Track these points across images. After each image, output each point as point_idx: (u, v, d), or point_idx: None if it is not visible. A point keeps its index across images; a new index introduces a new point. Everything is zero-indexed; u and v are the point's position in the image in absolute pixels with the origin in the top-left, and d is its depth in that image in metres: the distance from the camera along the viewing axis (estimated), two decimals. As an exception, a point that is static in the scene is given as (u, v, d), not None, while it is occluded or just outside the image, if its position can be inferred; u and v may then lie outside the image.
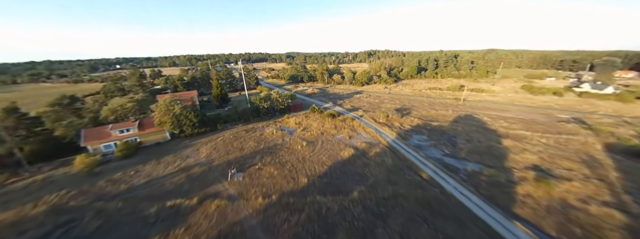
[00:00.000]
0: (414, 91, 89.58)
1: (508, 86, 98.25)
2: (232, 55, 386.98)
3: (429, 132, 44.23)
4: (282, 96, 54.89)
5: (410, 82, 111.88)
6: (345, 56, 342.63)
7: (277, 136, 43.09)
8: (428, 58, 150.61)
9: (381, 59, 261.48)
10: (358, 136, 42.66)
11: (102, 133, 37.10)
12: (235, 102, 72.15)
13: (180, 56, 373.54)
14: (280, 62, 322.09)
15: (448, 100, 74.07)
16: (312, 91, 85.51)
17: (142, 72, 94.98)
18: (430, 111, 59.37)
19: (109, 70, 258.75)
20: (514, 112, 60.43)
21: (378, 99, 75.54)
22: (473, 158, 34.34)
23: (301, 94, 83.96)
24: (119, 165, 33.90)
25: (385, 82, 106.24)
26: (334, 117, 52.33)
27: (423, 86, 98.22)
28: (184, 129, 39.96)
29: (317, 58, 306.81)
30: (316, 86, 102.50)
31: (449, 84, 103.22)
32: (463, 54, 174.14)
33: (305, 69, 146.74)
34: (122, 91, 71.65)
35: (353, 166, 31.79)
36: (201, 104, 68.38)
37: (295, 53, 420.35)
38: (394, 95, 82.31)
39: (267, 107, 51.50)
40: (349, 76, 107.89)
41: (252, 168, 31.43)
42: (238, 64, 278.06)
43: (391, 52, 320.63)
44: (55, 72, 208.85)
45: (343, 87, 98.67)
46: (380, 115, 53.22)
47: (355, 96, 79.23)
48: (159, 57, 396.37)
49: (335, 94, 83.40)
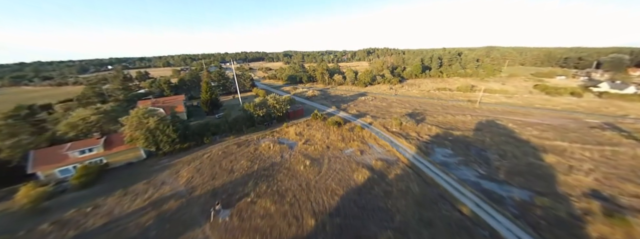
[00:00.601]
0: (422, 92, 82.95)
1: (520, 86, 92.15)
2: (229, 54, 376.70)
3: (453, 145, 37.62)
4: (279, 102, 47.77)
5: (415, 82, 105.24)
6: (344, 54, 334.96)
7: (274, 151, 36.13)
8: (431, 56, 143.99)
9: (381, 58, 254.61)
10: (371, 151, 35.87)
11: (57, 155, 29.73)
12: (228, 107, 64.81)
13: (175, 56, 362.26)
14: (277, 61, 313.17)
15: (462, 102, 67.57)
16: (313, 93, 78.40)
17: (126, 75, 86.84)
18: (447, 117, 52.78)
19: (100, 71, 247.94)
20: (538, 116, 54.14)
21: (385, 102, 68.74)
22: (516, 181, 27.81)
23: (301, 96, 76.79)
24: (76, 197, 26.68)
25: (390, 82, 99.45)
26: (340, 126, 45.45)
27: (430, 86, 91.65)
28: (161, 146, 32.73)
29: (315, 57, 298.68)
30: (316, 87, 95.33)
31: (457, 83, 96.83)
32: (464, 51, 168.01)
33: (304, 68, 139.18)
34: (101, 96, 63.74)
35: (371, 195, 25.04)
36: (190, 110, 60.97)
37: (292, 52, 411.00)
38: (401, 97, 75.57)
39: (263, 115, 44.38)
40: (351, 76, 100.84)
41: (243, 201, 24.49)
42: (232, 64, 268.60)
43: (390, 50, 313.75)
44: (41, 74, 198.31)
45: (345, 89, 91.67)
46: (392, 122, 46.47)
47: (360, 99, 72.32)
48: (153, 57, 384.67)
49: (338, 97, 76.39)
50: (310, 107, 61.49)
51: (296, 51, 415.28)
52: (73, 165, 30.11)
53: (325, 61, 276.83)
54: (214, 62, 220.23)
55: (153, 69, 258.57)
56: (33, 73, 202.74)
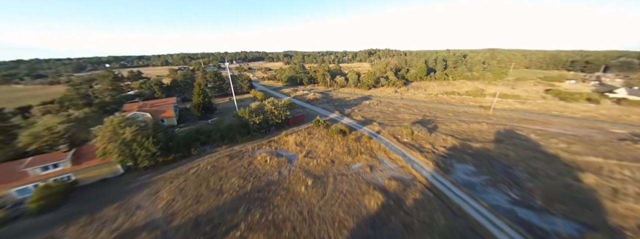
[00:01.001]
0: (429, 96, 78.54)
1: (531, 90, 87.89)
2: (228, 54, 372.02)
3: (474, 159, 33.18)
4: (278, 107, 43.22)
5: (421, 84, 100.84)
6: (345, 55, 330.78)
7: (271, 165, 31.60)
8: (436, 58, 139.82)
9: (383, 59, 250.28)
10: (381, 166, 31.38)
11: (14, 172, 25.09)
12: (223, 110, 60.28)
13: (174, 55, 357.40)
14: (277, 61, 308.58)
15: (474, 108, 63.20)
16: (314, 96, 73.83)
17: (117, 74, 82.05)
18: (461, 125, 48.35)
19: (96, 69, 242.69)
20: (559, 125, 49.80)
21: (391, 106, 64.25)
22: (557, 209, 23.38)
23: (301, 100, 72.20)
24: (30, 226, 22.06)
25: (394, 85, 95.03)
26: (345, 135, 40.96)
27: (437, 90, 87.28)
28: (139, 161, 28.15)
29: (315, 57, 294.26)
30: (317, 90, 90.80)
31: (464, 87, 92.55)
32: (470, 54, 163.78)
33: (305, 69, 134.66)
34: (86, 98, 59.01)
35: (387, 229, 20.53)
36: (182, 114, 56.35)
37: (293, 52, 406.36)
38: (408, 101, 71.12)
39: (260, 123, 39.84)
40: (353, 78, 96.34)
41: (231, 236, 19.92)
42: (231, 64, 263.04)
43: (392, 51, 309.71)
44: (35, 72, 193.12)
45: (348, 91, 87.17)
46: (403, 131, 42.02)
47: (364, 103, 67.81)
48: (152, 56, 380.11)
49: (341, 100, 71.85)
50: (311, 112, 56.99)
51: (296, 51, 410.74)
52: (34, 183, 25.49)
53: (326, 61, 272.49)
54: (213, 62, 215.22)
55: (151, 68, 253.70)
56: (27, 71, 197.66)
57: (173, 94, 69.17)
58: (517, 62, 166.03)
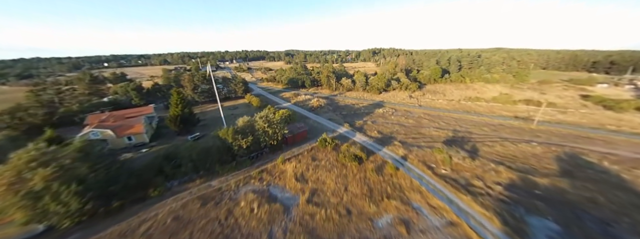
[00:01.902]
0: (451, 102, 67.91)
1: (564, 96, 76.81)
2: (229, 53, 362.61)
3: (551, 208, 22.89)
4: (273, 124, 33.15)
5: (436, 88, 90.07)
6: (348, 54, 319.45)
7: (259, 218, 21.64)
8: (449, 58, 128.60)
9: (388, 59, 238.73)
10: (421, 222, 21.22)
11: None
12: (212, 121, 50.37)
13: (174, 54, 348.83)
14: (278, 60, 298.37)
15: (510, 121, 52.62)
16: (318, 102, 63.52)
17: (96, 76, 72.50)
18: (506, 145, 37.95)
19: (93, 68, 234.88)
20: (628, 147, 39.15)
21: (410, 117, 53.88)
22: None
23: (303, 107, 61.97)
24: None
25: (407, 88, 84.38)
26: (361, 163, 30.85)
27: (457, 95, 76.59)
28: (56, 222, 18.33)
29: (317, 56, 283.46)
30: (321, 94, 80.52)
31: (487, 91, 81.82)
32: (483, 53, 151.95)
33: (307, 70, 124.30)
34: (49, 106, 49.44)
35: None
36: (160, 127, 46.60)
37: (294, 51, 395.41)
38: (428, 110, 60.62)
39: (249, 146, 29.85)
40: (361, 80, 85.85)
41: None
42: (231, 63, 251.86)
43: (397, 50, 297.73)
44: (28, 72, 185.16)
45: (356, 96, 76.77)
46: (436, 157, 31.83)
47: (377, 112, 57.45)
48: (153, 55, 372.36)
49: (349, 108, 61.50)
50: (315, 125, 46.88)
51: (298, 50, 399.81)
52: None
53: (329, 61, 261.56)
54: (211, 61, 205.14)
55: (148, 67, 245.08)
56: (20, 70, 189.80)
57: (155, 101, 59.44)
58: (533, 63, 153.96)
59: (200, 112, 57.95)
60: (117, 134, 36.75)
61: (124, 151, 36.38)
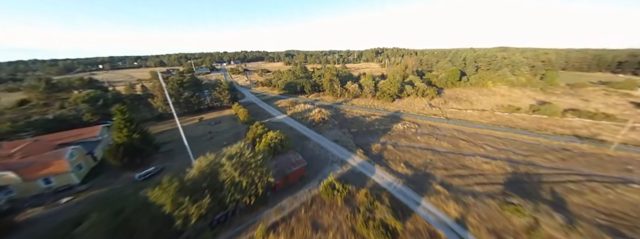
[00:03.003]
0: (483, 113, 55.13)
1: (613, 103, 63.72)
2: (227, 53, 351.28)
3: None
4: (250, 167, 20.57)
5: (457, 93, 77.22)
6: (350, 55, 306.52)
7: None
8: (464, 58, 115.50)
9: (392, 59, 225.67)
10: None
11: None
12: (182, 144, 37.90)
13: (171, 55, 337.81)
14: (278, 61, 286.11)
15: (575, 142, 39.75)
16: (320, 115, 50.84)
17: (53, 82, 60.43)
18: (598, 190, 25.26)
19: (85, 71, 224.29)
20: None
21: (441, 136, 41.18)
22: None
23: (301, 121, 49.30)
24: None
25: (424, 94, 71.59)
26: (394, 236, 18.31)
27: (486, 103, 63.77)
28: None
29: (318, 57, 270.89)
30: (324, 102, 68.00)
31: (519, 97, 68.99)
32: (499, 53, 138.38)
33: (307, 72, 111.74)
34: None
35: None
36: (103, 160, 34.10)
37: (295, 51, 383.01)
38: (459, 125, 47.86)
39: (205, 212, 17.45)
40: (369, 85, 73.19)
41: None
42: (229, 65, 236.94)
43: (401, 50, 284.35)
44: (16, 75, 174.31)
45: (365, 104, 64.16)
46: (515, 222, 19.28)
47: (396, 129, 44.75)
48: (150, 56, 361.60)
49: (359, 123, 48.75)
50: (316, 151, 34.42)
51: (298, 51, 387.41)
52: None
53: (331, 61, 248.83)
54: (206, 63, 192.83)
55: (142, 69, 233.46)
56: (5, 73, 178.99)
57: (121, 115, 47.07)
58: (549, 63, 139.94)
59: (171, 129, 45.73)
60: (26, 177, 24.57)
61: (34, 201, 24.29)
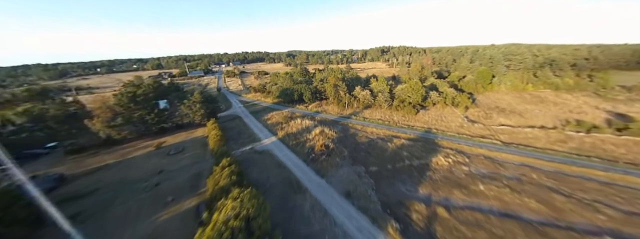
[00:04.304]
0: (549, 133, 38.99)
1: None
2: (227, 55, 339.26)
3: None
4: None
5: (493, 100, 61.03)
6: (353, 54, 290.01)
7: None
8: (491, 57, 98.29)
9: (400, 58, 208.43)
10: None
11: None
12: (113, 188, 23.01)
13: (172, 57, 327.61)
14: (278, 62, 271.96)
15: None
16: (322, 139, 35.38)
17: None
18: None
19: (82, 75, 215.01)
20: None
21: (515, 182, 25.51)
22: None
23: (295, 150, 33.96)
24: None
25: (454, 102, 55.69)
26: None
27: (542, 116, 47.52)
28: None
29: (320, 57, 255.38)
30: (327, 115, 52.85)
31: (577, 106, 52.41)
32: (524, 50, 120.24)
33: (308, 74, 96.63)
34: None
35: None
36: None
37: (296, 52, 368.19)
38: (528, 156, 31.85)
39: None
40: (384, 91, 57.77)
41: None
42: (227, 66, 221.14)
43: (408, 48, 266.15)
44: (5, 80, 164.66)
45: (381, 118, 48.74)
46: None
47: (438, 165, 28.98)
48: (151, 59, 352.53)
49: (380, 154, 33.01)
50: (315, 223, 19.32)
51: (300, 51, 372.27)
52: None
53: (334, 61, 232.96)
54: (202, 65, 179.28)
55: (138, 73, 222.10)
56: None
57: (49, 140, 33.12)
58: (596, 62, 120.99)
59: (114, 164, 31.41)
60: None
61: None
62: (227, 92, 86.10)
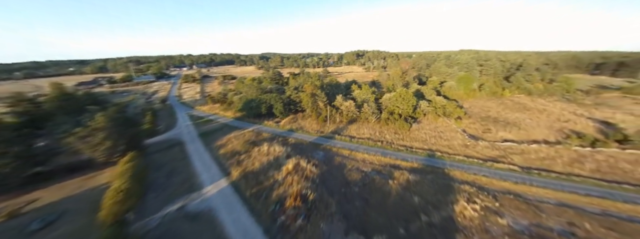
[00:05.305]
0: (559, 151, 33.89)
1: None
2: (192, 56, 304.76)
3: None
4: None
5: (481, 108, 57.19)
6: (330, 57, 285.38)
7: None
8: (466, 62, 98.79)
9: (376, 62, 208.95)
10: None
11: None
12: None
13: (120, 58, 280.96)
14: (250, 64, 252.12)
15: None
16: (297, 183, 24.19)
17: None
18: None
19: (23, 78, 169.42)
20: None
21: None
22: None
23: (254, 207, 22.11)
24: None
25: (445, 113, 49.61)
26: None
27: (537, 126, 43.64)
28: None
29: (296, 60, 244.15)
30: (304, 135, 41.63)
31: (559, 112, 50.76)
32: (482, 55, 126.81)
33: (281, 80, 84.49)
34: None
35: None
36: None
37: (271, 54, 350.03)
38: (561, 190, 25.03)
39: None
40: (368, 99, 49.40)
41: None
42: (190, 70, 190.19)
43: (382, 52, 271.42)
44: None
45: (370, 137, 39.39)
46: None
47: (464, 221, 20.28)
48: (93, 61, 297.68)
49: (382, 202, 22.96)
50: None
51: (275, 53, 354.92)
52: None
53: (310, 64, 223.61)
54: (153, 68, 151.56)
55: (74, 77, 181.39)
56: None
57: None
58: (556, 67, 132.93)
59: None
60: None
61: None
62: (178, 103, 68.74)
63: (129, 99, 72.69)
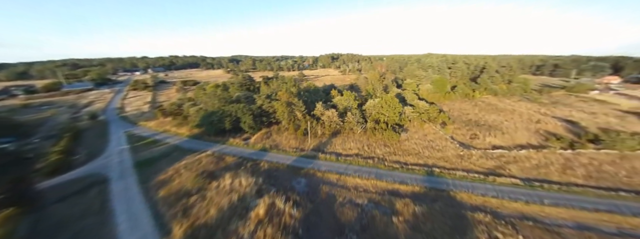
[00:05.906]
0: (547, 156, 33.02)
1: (604, 113, 54.47)
2: (148, 59, 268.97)
3: None
4: None
5: (458, 111, 57.08)
6: (304, 60, 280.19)
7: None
8: (438, 65, 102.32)
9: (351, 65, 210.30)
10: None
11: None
12: None
13: (52, 61, 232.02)
14: (219, 68, 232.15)
15: None
16: (270, 233, 17.54)
17: None
18: None
19: None
20: None
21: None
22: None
23: None
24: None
25: (429, 118, 47.42)
26: None
27: (514, 128, 43.84)
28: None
29: (269, 63, 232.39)
30: (281, 155, 34.40)
31: (528, 113, 53.05)
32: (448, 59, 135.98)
33: (252, 86, 75.07)
34: None
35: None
36: None
37: (242, 57, 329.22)
38: (573, 207, 22.70)
39: None
40: (350, 106, 44.61)
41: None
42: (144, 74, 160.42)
43: (356, 55, 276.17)
44: None
45: (358, 152, 34.09)
46: None
47: None
48: (18, 64, 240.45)
49: None
50: None
51: (246, 56, 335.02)
52: None
53: (284, 68, 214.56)
54: (92, 74, 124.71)
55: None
56: None
57: None
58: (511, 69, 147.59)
59: None
60: None
61: None
62: (117, 118, 54.47)
63: (46, 115, 55.63)
